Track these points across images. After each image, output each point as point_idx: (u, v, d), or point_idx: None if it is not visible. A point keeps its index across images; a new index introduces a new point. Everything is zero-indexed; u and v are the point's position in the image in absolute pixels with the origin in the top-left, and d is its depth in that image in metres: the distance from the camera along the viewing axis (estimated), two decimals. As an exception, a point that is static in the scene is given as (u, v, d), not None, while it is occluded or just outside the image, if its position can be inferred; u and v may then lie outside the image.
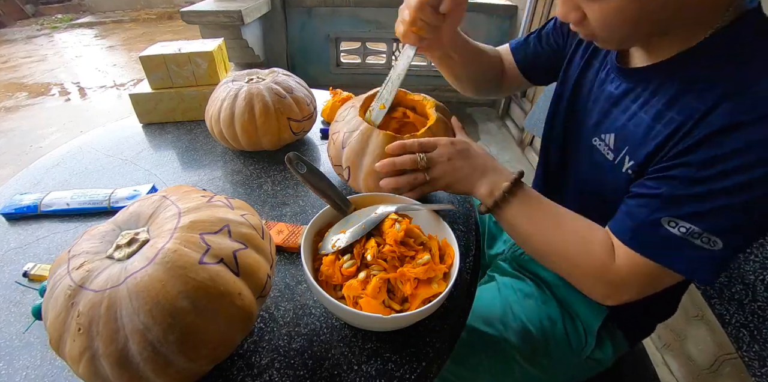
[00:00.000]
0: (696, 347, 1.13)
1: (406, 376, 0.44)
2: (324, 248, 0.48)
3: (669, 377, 1.18)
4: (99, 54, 4.67)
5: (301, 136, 0.86)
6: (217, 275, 0.36)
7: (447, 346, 0.49)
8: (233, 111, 0.75)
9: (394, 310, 0.44)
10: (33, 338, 0.49)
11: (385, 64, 2.90)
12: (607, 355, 0.66)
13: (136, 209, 0.41)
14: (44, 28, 5.74)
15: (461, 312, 0.52)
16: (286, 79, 0.82)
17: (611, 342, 0.66)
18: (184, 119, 0.99)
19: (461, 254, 0.55)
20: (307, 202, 0.70)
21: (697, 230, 0.41)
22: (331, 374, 0.44)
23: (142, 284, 0.33)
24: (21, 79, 3.90)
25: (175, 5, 6.48)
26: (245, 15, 2.15)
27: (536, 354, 0.65)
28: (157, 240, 0.37)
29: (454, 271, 0.47)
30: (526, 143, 2.34)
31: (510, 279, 0.74)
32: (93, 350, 0.33)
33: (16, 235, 0.64)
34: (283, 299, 0.53)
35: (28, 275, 0.56)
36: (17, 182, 0.78)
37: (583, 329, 0.66)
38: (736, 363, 1.01)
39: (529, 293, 0.70)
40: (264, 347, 0.47)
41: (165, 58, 0.92)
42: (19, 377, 0.44)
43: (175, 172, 0.80)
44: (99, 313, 0.33)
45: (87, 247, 0.38)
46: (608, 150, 0.53)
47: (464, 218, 0.67)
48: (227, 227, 0.39)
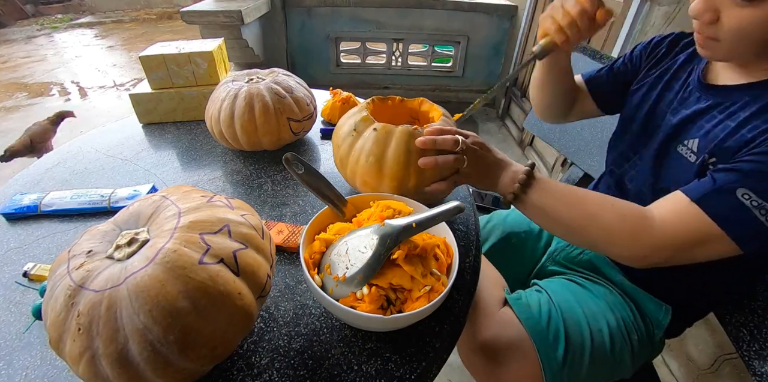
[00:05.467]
0: (696, 347, 1.13)
1: (406, 376, 0.44)
2: (333, 270, 0.46)
3: (669, 377, 1.18)
4: (99, 54, 4.67)
5: (301, 136, 0.86)
6: (217, 275, 0.36)
7: (447, 346, 0.49)
8: (233, 111, 0.75)
9: (393, 310, 0.45)
10: (33, 338, 0.49)
11: (385, 64, 2.90)
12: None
13: (136, 209, 0.41)
14: (44, 28, 5.74)
15: (461, 312, 0.52)
16: (286, 79, 0.82)
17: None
18: (184, 119, 0.99)
19: (461, 254, 0.56)
20: (307, 202, 0.70)
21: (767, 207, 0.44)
22: (331, 374, 0.44)
23: (142, 284, 0.33)
24: (21, 79, 3.89)
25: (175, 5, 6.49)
26: (245, 15, 2.15)
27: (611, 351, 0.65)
28: (157, 240, 0.37)
29: (453, 271, 0.47)
30: (526, 143, 2.34)
31: (562, 281, 0.74)
32: (93, 350, 0.33)
33: (16, 235, 0.65)
34: (283, 299, 0.53)
35: (28, 275, 0.56)
36: (17, 182, 0.78)
37: (651, 323, 0.67)
38: (736, 363, 1.01)
39: (596, 293, 0.70)
40: (264, 347, 0.47)
41: (165, 58, 0.92)
42: (19, 377, 0.44)
43: (175, 172, 0.80)
44: (99, 313, 0.33)
45: (87, 247, 0.38)
46: (691, 153, 0.56)
47: (464, 218, 0.67)
48: (227, 227, 0.39)
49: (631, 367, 0.67)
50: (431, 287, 0.45)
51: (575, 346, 0.63)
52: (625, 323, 0.66)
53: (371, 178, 0.59)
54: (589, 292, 0.71)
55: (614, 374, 0.67)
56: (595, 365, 0.63)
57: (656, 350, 0.70)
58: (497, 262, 0.82)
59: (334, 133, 0.66)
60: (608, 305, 0.68)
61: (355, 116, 0.62)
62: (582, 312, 0.66)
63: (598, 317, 0.66)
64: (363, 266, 0.44)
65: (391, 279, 0.44)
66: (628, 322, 0.66)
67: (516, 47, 2.54)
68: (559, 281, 0.74)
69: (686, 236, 0.49)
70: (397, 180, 0.58)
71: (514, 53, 2.58)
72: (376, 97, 0.69)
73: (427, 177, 0.58)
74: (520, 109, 2.50)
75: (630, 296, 0.69)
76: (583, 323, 0.65)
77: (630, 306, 0.68)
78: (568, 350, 0.62)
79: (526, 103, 2.43)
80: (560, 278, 0.76)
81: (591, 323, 0.65)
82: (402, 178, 0.58)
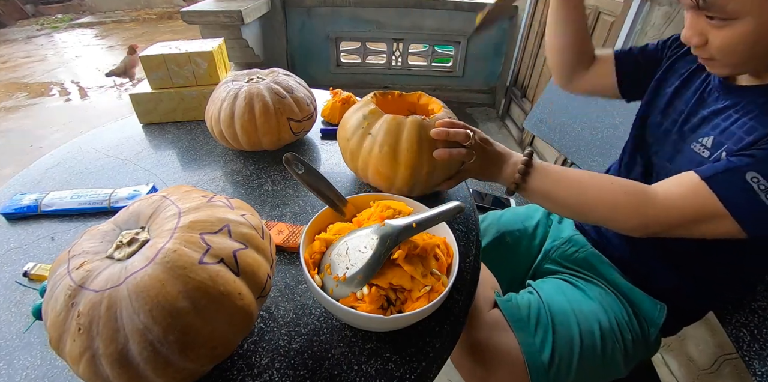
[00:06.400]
0: (696, 347, 1.13)
1: (406, 376, 0.44)
2: (334, 270, 0.46)
3: (669, 377, 1.18)
4: (99, 54, 4.67)
5: (301, 136, 0.86)
6: (217, 275, 0.36)
7: (447, 346, 0.49)
8: (233, 111, 0.75)
9: (393, 310, 0.45)
10: (33, 338, 0.49)
11: (385, 64, 2.90)
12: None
13: (136, 209, 0.41)
14: (44, 28, 5.74)
15: (461, 312, 0.52)
16: (286, 79, 0.82)
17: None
18: (184, 119, 0.99)
19: (461, 254, 0.56)
20: (307, 202, 0.70)
21: None
22: (331, 374, 0.44)
23: (142, 284, 0.33)
24: (21, 79, 3.90)
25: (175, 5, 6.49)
26: (245, 15, 2.15)
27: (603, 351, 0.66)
28: (157, 240, 0.37)
29: (453, 271, 0.47)
30: (526, 143, 2.34)
31: (556, 280, 0.74)
32: (93, 350, 0.33)
33: (16, 235, 0.65)
34: (283, 299, 0.53)
35: (28, 275, 0.56)
36: (17, 182, 0.78)
37: (645, 322, 0.67)
38: (736, 363, 1.01)
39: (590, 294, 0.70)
40: (264, 347, 0.47)
41: (165, 58, 0.92)
42: (19, 377, 0.44)
43: (175, 172, 0.80)
44: (99, 313, 0.33)
45: (87, 247, 0.38)
46: (705, 149, 0.57)
47: (464, 218, 0.67)
48: (227, 227, 0.39)
49: (624, 367, 0.67)
50: (431, 287, 0.45)
51: (563, 348, 0.63)
52: (618, 323, 0.66)
53: (385, 168, 0.61)
54: (582, 292, 0.71)
55: (607, 374, 0.67)
56: (585, 367, 0.63)
57: (652, 349, 0.70)
58: (492, 262, 0.82)
59: (340, 127, 0.67)
60: (601, 305, 0.68)
61: (363, 109, 0.64)
62: (573, 313, 0.66)
63: (589, 317, 0.66)
64: (363, 266, 0.44)
65: (391, 279, 0.44)
66: (622, 322, 0.66)
67: (516, 47, 2.53)
68: (553, 282, 0.75)
69: (689, 212, 0.50)
70: (411, 167, 0.60)
71: (514, 53, 2.58)
72: (378, 92, 0.70)
73: (438, 165, 0.61)
74: (520, 109, 2.51)
75: (625, 295, 0.69)
76: (573, 324, 0.65)
77: (624, 305, 0.68)
78: (555, 351, 0.62)
79: (526, 103, 2.43)
80: (554, 279, 0.76)
81: (582, 324, 0.65)
82: (416, 165, 0.60)
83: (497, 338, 0.64)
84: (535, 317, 0.65)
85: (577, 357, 0.63)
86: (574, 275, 0.75)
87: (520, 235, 0.86)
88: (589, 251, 0.75)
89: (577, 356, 0.63)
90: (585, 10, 0.74)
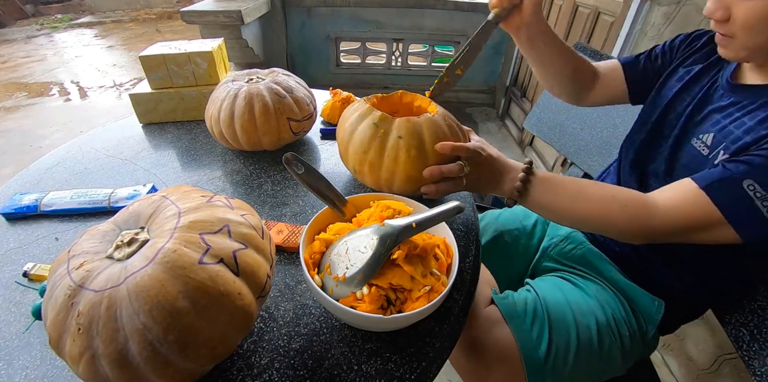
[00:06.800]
0: (696, 346, 1.13)
1: (406, 376, 0.44)
2: (333, 270, 0.46)
3: (669, 377, 1.18)
4: (99, 54, 4.67)
5: (301, 136, 0.86)
6: (217, 275, 0.36)
7: (447, 346, 0.49)
8: (233, 111, 0.75)
9: (393, 310, 0.45)
10: (33, 338, 0.49)
11: (385, 64, 2.90)
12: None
13: (136, 209, 0.41)
14: (44, 28, 5.74)
15: (461, 312, 0.52)
16: (286, 79, 0.82)
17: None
18: (184, 119, 0.99)
19: (461, 253, 0.56)
20: (307, 202, 0.70)
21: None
22: (331, 374, 0.44)
23: (142, 284, 0.33)
24: (21, 79, 3.89)
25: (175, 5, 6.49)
26: (245, 15, 2.15)
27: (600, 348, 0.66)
28: (157, 240, 0.37)
29: (453, 271, 0.47)
30: (526, 143, 2.34)
31: (554, 278, 0.75)
32: (93, 350, 0.33)
33: (16, 235, 0.65)
34: (283, 299, 0.53)
35: (28, 275, 0.56)
36: (17, 182, 0.78)
37: (643, 318, 0.68)
38: (736, 363, 1.01)
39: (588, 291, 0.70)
40: (264, 347, 0.47)
41: (165, 58, 0.92)
42: (19, 377, 0.44)
43: (175, 172, 0.80)
44: (99, 313, 0.33)
45: (87, 247, 0.38)
46: (704, 147, 0.58)
47: (464, 218, 0.67)
48: (227, 227, 0.39)
49: (623, 364, 0.67)
50: (431, 287, 0.45)
51: (559, 343, 0.63)
52: (615, 319, 0.66)
53: (417, 172, 0.58)
54: (580, 289, 0.71)
55: (605, 371, 0.67)
56: (582, 362, 0.63)
57: (650, 346, 0.70)
58: (491, 260, 0.82)
59: (340, 141, 0.64)
60: (598, 301, 0.68)
61: (370, 118, 0.61)
62: (570, 309, 0.66)
63: (586, 313, 0.66)
64: (363, 266, 0.44)
65: (391, 279, 0.44)
66: (619, 318, 0.66)
67: (516, 47, 2.54)
68: (551, 279, 0.75)
69: (688, 221, 0.51)
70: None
71: (514, 53, 2.58)
72: (370, 99, 0.68)
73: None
74: (520, 109, 2.50)
75: (622, 292, 0.69)
76: (569, 320, 0.65)
77: (622, 302, 0.68)
78: (551, 346, 0.62)
79: (526, 103, 2.43)
80: (552, 276, 0.76)
81: (578, 320, 0.65)
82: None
83: (494, 334, 0.64)
84: (532, 312, 0.65)
85: (574, 352, 0.63)
86: (572, 272, 0.75)
87: (519, 234, 0.86)
88: (587, 248, 0.75)
89: (574, 350, 0.63)
90: (559, 40, 0.71)
